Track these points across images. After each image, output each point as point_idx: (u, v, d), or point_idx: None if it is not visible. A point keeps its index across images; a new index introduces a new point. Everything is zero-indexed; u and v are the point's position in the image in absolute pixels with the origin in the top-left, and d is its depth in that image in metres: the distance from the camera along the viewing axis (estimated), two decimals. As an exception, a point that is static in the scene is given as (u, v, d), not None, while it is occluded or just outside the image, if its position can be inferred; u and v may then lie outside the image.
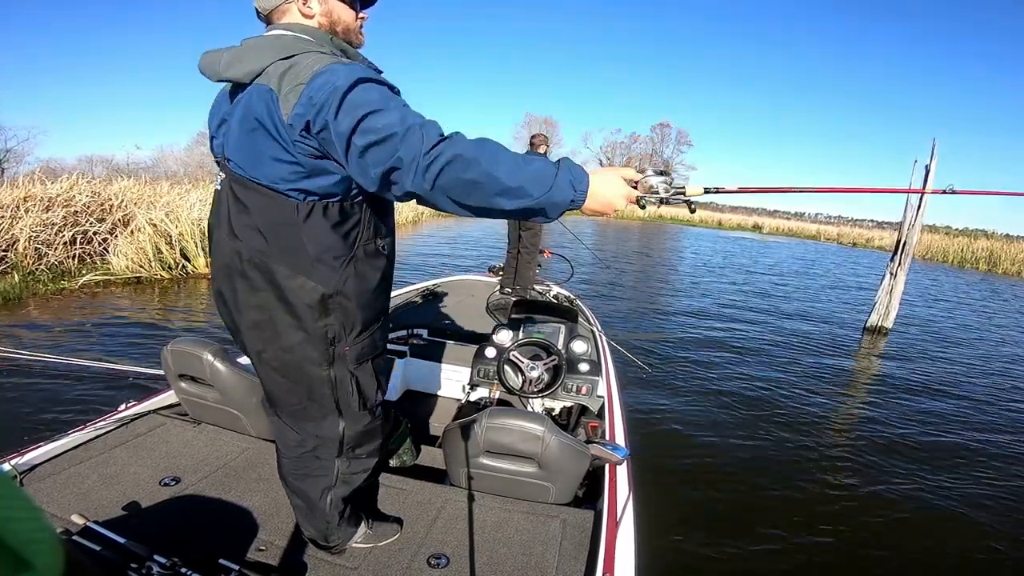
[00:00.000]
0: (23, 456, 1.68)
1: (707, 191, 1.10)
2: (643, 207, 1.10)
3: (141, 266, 6.74)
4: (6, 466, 1.60)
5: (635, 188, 1.06)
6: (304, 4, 1.10)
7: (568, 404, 2.55)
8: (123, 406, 2.09)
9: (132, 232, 7.02)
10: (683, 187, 1.08)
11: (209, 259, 1.33)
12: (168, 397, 2.18)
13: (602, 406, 2.42)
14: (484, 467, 1.69)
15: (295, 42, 1.06)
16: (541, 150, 4.77)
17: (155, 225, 6.92)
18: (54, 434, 1.83)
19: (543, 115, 51.38)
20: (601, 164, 54.06)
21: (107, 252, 6.92)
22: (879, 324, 7.38)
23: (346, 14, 1.14)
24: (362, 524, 1.49)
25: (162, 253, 6.95)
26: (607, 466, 1.78)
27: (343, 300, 1.15)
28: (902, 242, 7.22)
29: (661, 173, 1.05)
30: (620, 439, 2.11)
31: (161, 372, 2.09)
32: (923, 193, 6.50)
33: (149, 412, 2.12)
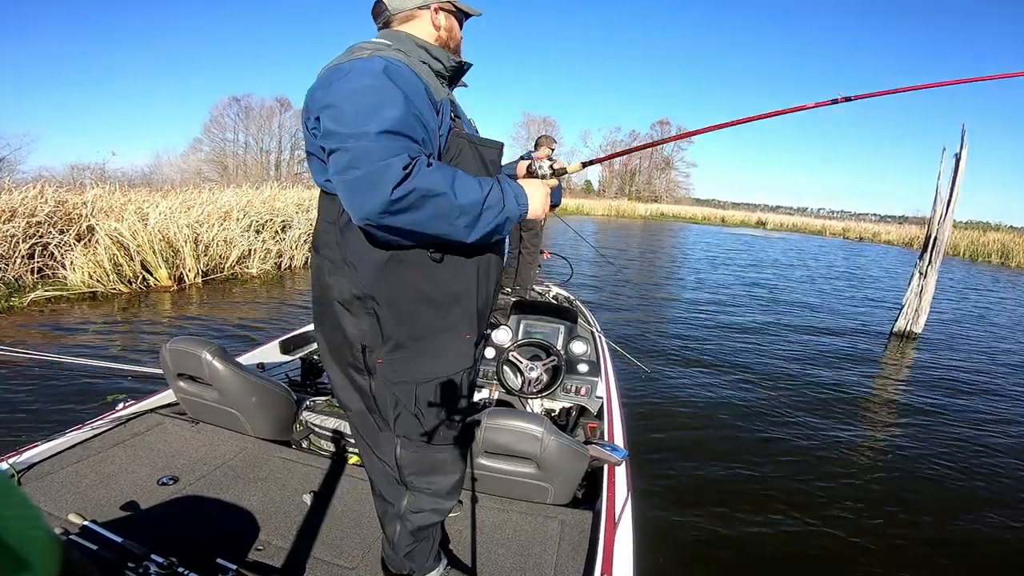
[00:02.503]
0: (21, 455, 1.68)
1: (584, 165, 1.29)
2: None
3: (98, 280, 6.17)
4: (4, 465, 1.60)
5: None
6: (436, 13, 1.15)
7: (567, 405, 2.55)
8: (121, 405, 2.09)
9: (91, 243, 6.46)
10: (564, 167, 1.24)
11: (196, 269, 1.33)
12: (166, 396, 2.18)
13: (601, 407, 2.42)
14: (483, 468, 1.69)
15: (375, 46, 1.07)
16: (543, 152, 4.77)
17: (110, 236, 6.37)
18: (52, 433, 1.83)
19: (542, 114, 51.34)
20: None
21: (65, 266, 6.35)
22: (908, 329, 6.63)
23: (457, 31, 1.21)
24: (440, 565, 1.40)
25: (121, 266, 6.36)
26: (606, 467, 1.78)
27: (374, 305, 1.09)
28: (932, 238, 6.44)
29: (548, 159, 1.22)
30: (619, 440, 2.11)
31: (159, 371, 2.08)
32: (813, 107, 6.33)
33: (147, 411, 2.12)
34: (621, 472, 1.78)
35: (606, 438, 2.15)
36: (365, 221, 0.92)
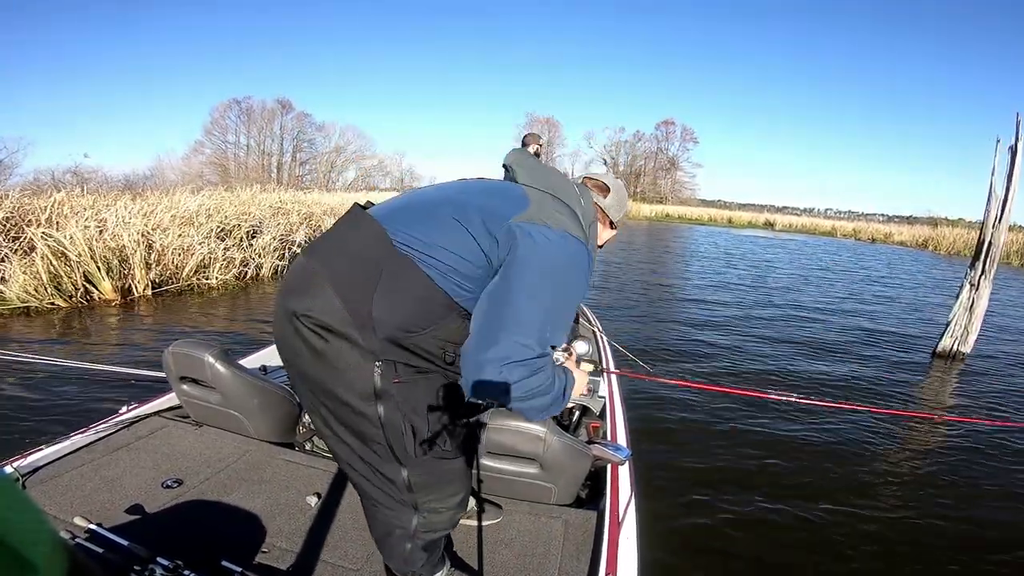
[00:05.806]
0: (25, 459, 1.69)
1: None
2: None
3: (31, 294, 5.53)
4: (8, 468, 1.61)
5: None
6: (606, 219, 1.33)
7: (569, 405, 2.55)
8: (124, 408, 2.10)
9: (26, 252, 5.87)
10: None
11: (146, 281, 1.25)
12: (169, 399, 2.19)
13: (604, 407, 2.42)
14: (486, 468, 1.69)
15: (583, 216, 1.16)
16: (531, 150, 4.75)
17: (49, 244, 5.74)
18: (56, 437, 1.84)
19: (545, 115, 51.12)
20: (605, 163, 53.81)
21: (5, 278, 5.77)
22: (954, 348, 5.69)
23: (606, 235, 1.37)
24: (443, 566, 1.36)
25: (60, 278, 5.71)
26: (609, 467, 1.78)
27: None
28: (986, 243, 5.51)
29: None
30: (622, 439, 2.11)
31: (162, 374, 2.09)
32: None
33: (151, 414, 2.13)
34: (624, 472, 1.78)
35: (609, 438, 2.15)
36: (466, 383, 1.00)
